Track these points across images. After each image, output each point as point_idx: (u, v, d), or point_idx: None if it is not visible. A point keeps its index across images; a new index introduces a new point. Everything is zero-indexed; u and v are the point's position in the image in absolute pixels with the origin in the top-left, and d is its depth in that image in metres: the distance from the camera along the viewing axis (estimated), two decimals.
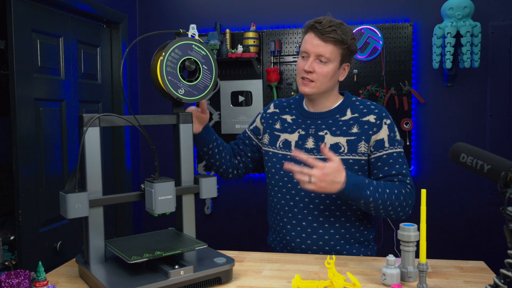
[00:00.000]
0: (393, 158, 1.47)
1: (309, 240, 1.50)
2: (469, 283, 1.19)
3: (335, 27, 1.43)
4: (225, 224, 3.36)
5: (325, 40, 1.44)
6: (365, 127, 1.48)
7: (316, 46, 1.45)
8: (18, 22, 2.17)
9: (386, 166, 1.47)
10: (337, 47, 1.45)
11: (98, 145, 1.20)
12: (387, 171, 1.46)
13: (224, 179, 1.74)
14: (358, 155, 1.47)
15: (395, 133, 1.50)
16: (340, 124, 1.51)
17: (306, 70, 1.47)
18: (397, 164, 1.46)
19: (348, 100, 1.56)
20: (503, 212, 0.75)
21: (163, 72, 1.24)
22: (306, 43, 1.48)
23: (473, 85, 2.97)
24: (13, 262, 2.35)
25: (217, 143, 1.64)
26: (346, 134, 1.48)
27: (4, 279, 1.07)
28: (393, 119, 2.91)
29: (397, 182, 1.45)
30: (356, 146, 1.47)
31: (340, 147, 1.47)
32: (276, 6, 3.20)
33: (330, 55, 1.45)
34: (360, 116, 1.50)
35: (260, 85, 3.20)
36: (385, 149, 1.47)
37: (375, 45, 3.02)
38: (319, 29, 1.44)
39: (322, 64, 1.46)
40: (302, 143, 1.53)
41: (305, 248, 1.51)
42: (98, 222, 1.21)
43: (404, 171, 1.46)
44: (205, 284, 1.17)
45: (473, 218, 3.01)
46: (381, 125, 1.48)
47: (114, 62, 3.05)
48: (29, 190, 2.23)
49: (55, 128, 2.47)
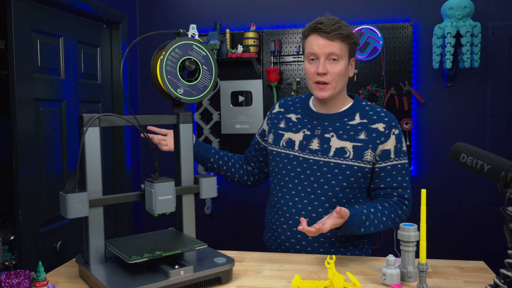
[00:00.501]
0: (397, 170, 1.46)
1: (304, 241, 1.49)
2: (469, 283, 1.19)
3: (339, 24, 1.43)
4: (225, 224, 3.36)
5: (332, 38, 1.42)
6: (373, 135, 1.46)
7: (324, 46, 1.42)
8: (18, 22, 2.17)
9: (389, 178, 1.46)
10: (344, 43, 1.44)
11: (98, 145, 1.20)
12: (389, 183, 1.46)
13: (247, 188, 1.79)
14: (363, 162, 1.45)
15: (401, 143, 1.48)
16: (347, 128, 1.48)
17: (320, 73, 1.43)
18: (400, 176, 1.46)
19: (358, 104, 1.53)
20: (503, 212, 0.75)
21: (163, 72, 1.24)
22: (312, 46, 1.45)
23: (473, 85, 2.97)
24: (13, 262, 2.35)
25: (219, 156, 1.68)
26: (353, 139, 1.46)
27: (4, 279, 1.07)
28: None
29: (396, 197, 1.46)
30: (362, 153, 1.45)
31: (345, 152, 1.46)
32: (276, 6, 3.20)
33: (340, 52, 1.43)
34: (369, 122, 1.48)
35: (260, 85, 3.20)
36: (390, 160, 1.46)
37: (375, 45, 3.02)
38: (323, 29, 1.42)
39: (334, 63, 1.44)
40: (306, 143, 1.51)
41: (299, 249, 1.50)
42: (98, 222, 1.21)
43: (405, 184, 1.47)
44: (205, 284, 1.17)
45: (473, 218, 3.00)
46: (390, 135, 1.46)
47: (114, 62, 3.05)
48: (29, 190, 2.23)
49: (55, 128, 2.47)
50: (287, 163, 1.54)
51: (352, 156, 1.45)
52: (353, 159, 1.45)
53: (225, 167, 1.70)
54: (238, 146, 3.26)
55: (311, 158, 1.49)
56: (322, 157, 1.48)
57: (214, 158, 1.68)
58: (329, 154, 1.47)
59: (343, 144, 1.47)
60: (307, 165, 1.50)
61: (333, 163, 1.46)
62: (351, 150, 1.46)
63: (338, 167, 1.46)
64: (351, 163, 1.45)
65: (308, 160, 1.50)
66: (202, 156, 1.66)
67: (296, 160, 1.52)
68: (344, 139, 1.47)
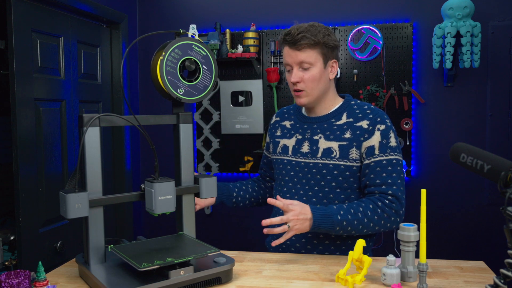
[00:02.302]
0: (381, 166, 1.42)
1: (309, 245, 1.49)
2: (469, 283, 1.19)
3: (304, 33, 1.43)
4: (225, 224, 3.36)
5: (299, 48, 1.45)
6: (357, 133, 1.46)
7: (294, 56, 1.47)
8: (18, 22, 2.17)
9: (372, 174, 1.43)
10: (313, 50, 1.45)
11: (98, 145, 1.20)
12: (372, 180, 1.43)
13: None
14: (350, 161, 1.45)
15: (388, 139, 1.44)
16: (334, 128, 1.50)
17: (293, 82, 1.48)
18: (384, 172, 1.42)
19: (346, 104, 1.54)
20: (503, 212, 0.75)
21: (163, 72, 1.24)
22: (285, 57, 1.51)
23: (473, 85, 2.97)
24: (13, 262, 2.35)
25: (238, 189, 1.71)
26: (339, 139, 1.47)
27: (4, 279, 1.07)
28: (393, 119, 2.96)
29: (378, 193, 1.42)
30: (348, 152, 1.45)
31: (332, 151, 1.47)
32: (276, 6, 3.20)
33: (310, 59, 1.45)
34: (355, 121, 1.48)
35: (260, 85, 3.20)
36: (374, 156, 1.43)
37: (375, 45, 3.02)
38: (289, 41, 1.46)
39: (306, 70, 1.47)
40: (298, 147, 1.54)
41: (305, 253, 1.51)
42: (98, 222, 1.21)
43: (389, 180, 1.41)
44: (205, 284, 1.17)
45: (473, 218, 3.00)
46: (373, 131, 1.44)
47: (114, 62, 3.05)
48: (29, 190, 2.23)
49: (55, 128, 2.47)
50: (282, 168, 1.58)
51: (338, 155, 1.46)
52: (339, 158, 1.46)
53: (247, 196, 1.72)
54: (238, 146, 3.26)
55: (302, 161, 1.52)
56: (311, 159, 1.50)
57: (235, 191, 1.69)
58: (317, 155, 1.49)
59: (329, 145, 1.48)
60: (299, 168, 1.53)
61: (321, 164, 1.48)
62: (337, 149, 1.46)
63: (326, 167, 1.47)
64: (338, 162, 1.46)
65: (300, 163, 1.53)
66: (225, 194, 1.67)
67: (289, 164, 1.56)
68: (330, 140, 1.49)
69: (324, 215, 1.36)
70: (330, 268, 1.32)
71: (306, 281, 1.22)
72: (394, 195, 1.41)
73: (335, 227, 1.37)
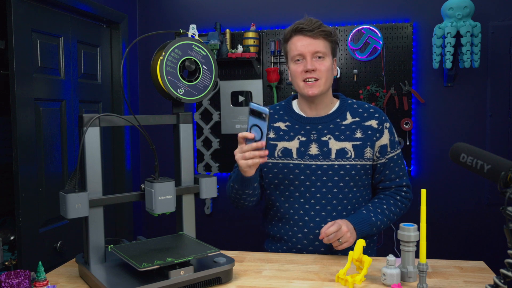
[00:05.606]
0: (393, 161, 1.53)
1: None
2: (469, 283, 1.19)
3: (319, 22, 1.47)
4: (225, 224, 3.36)
5: (316, 36, 1.45)
6: (368, 133, 1.49)
7: (309, 45, 1.45)
8: (18, 22, 2.17)
9: (387, 170, 1.53)
10: (327, 41, 1.47)
11: (98, 145, 1.20)
12: (388, 175, 1.53)
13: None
14: (365, 160, 1.49)
15: (394, 135, 1.55)
16: (342, 128, 1.50)
17: (309, 69, 1.44)
18: (397, 166, 1.54)
19: (345, 103, 1.56)
20: (503, 212, 0.75)
21: (163, 72, 1.24)
22: (297, 46, 1.46)
23: (473, 85, 2.97)
24: (13, 262, 2.35)
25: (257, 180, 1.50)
26: (351, 139, 1.48)
27: (4, 279, 1.07)
28: (393, 119, 2.96)
29: (394, 187, 1.54)
30: (363, 151, 1.48)
31: (346, 152, 1.47)
32: (276, 6, 3.20)
33: (325, 49, 1.46)
34: (362, 120, 1.51)
35: (260, 85, 3.20)
36: (387, 153, 1.51)
37: (375, 45, 3.02)
38: (306, 28, 1.45)
39: (320, 60, 1.46)
40: (304, 149, 1.50)
41: (306, 253, 1.50)
42: (98, 222, 1.21)
43: (401, 173, 1.54)
44: (205, 284, 1.17)
45: (473, 218, 3.00)
46: (383, 130, 1.51)
47: (114, 62, 3.05)
48: (29, 190, 2.23)
49: (55, 128, 2.47)
50: (287, 172, 1.51)
51: (354, 155, 1.47)
52: (355, 158, 1.48)
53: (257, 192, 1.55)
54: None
55: (313, 164, 1.49)
56: (324, 161, 1.48)
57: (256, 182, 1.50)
58: (330, 157, 1.48)
59: (342, 145, 1.48)
60: (310, 172, 1.49)
61: (337, 165, 1.47)
62: (352, 149, 1.48)
63: (343, 168, 1.47)
64: (354, 162, 1.47)
65: (311, 166, 1.49)
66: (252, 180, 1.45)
67: (297, 168, 1.50)
68: (342, 140, 1.49)
69: (361, 221, 1.42)
70: (330, 268, 1.32)
71: (306, 281, 1.22)
72: (407, 184, 1.55)
73: (372, 229, 1.45)
